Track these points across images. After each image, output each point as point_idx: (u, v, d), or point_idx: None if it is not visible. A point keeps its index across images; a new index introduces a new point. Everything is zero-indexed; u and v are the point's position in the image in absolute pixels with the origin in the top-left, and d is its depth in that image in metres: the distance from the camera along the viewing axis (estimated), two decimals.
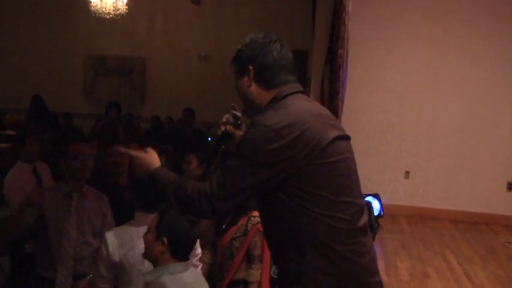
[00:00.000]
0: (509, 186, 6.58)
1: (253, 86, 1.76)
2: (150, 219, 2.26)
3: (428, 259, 5.13)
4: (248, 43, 1.79)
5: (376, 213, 5.93)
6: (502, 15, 6.43)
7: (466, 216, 6.58)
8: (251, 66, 1.75)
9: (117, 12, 8.91)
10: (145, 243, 2.19)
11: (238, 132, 1.93)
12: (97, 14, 8.91)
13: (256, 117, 1.64)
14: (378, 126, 6.72)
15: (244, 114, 1.89)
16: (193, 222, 2.20)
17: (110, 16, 8.91)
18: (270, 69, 1.74)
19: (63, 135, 4.22)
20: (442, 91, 6.61)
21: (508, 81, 6.49)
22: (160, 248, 2.12)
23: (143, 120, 9.63)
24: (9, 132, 7.92)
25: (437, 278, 4.65)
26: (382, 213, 6.09)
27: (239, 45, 1.81)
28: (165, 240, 2.11)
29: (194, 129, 7.17)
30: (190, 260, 2.28)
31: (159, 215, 2.19)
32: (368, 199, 5.89)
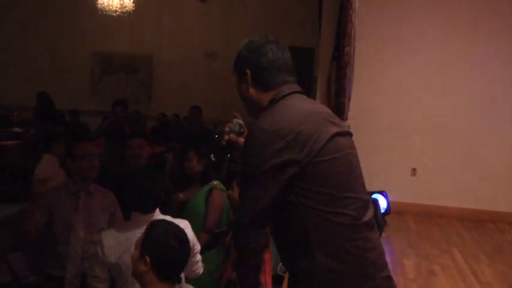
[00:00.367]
0: None
1: (251, 89, 1.76)
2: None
3: (435, 257, 5.12)
4: (245, 46, 1.79)
5: (382, 211, 5.92)
6: (510, 15, 6.41)
7: (473, 214, 6.57)
8: (248, 70, 1.75)
9: (124, 9, 8.94)
10: (131, 260, 2.03)
11: (241, 139, 1.94)
12: (104, 12, 8.94)
13: (254, 122, 1.65)
14: (384, 124, 6.71)
15: (248, 114, 1.88)
16: (183, 242, 2.02)
17: (117, 14, 8.94)
18: (267, 71, 1.74)
19: (70, 134, 4.25)
20: (449, 89, 6.59)
21: None
22: (143, 268, 1.94)
23: (150, 117, 9.64)
24: (17, 129, 7.97)
25: (444, 276, 4.64)
26: (388, 210, 6.08)
27: (239, 49, 1.81)
28: (147, 259, 1.93)
29: (201, 126, 7.18)
30: (181, 284, 2.11)
31: (147, 229, 2.03)
32: (375, 196, 5.89)
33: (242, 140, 1.92)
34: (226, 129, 1.97)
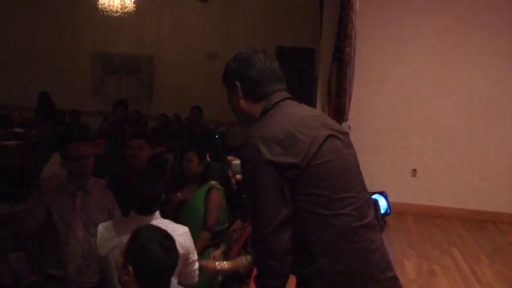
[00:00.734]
0: None
1: (242, 101, 1.76)
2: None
3: (435, 257, 5.12)
4: (233, 58, 1.80)
5: (383, 211, 5.92)
6: (510, 14, 6.41)
7: (473, 214, 6.56)
8: (237, 82, 1.75)
9: (125, 10, 8.93)
10: (116, 268, 1.94)
11: None
12: (104, 12, 8.94)
13: (248, 132, 1.64)
14: (385, 124, 6.71)
15: (240, 124, 1.86)
16: (169, 251, 1.90)
17: (118, 14, 8.94)
18: (256, 82, 1.74)
19: (67, 134, 4.26)
20: (449, 89, 6.59)
21: None
22: (126, 278, 1.85)
23: (151, 118, 9.66)
24: (17, 130, 7.98)
25: (444, 276, 4.64)
26: (389, 211, 6.08)
27: (228, 62, 1.82)
28: (130, 269, 1.83)
29: (202, 127, 7.20)
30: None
31: (130, 237, 1.92)
32: (375, 197, 5.89)
33: None
34: (230, 174, 1.99)
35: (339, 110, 5.21)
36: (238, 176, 1.97)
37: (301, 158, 1.56)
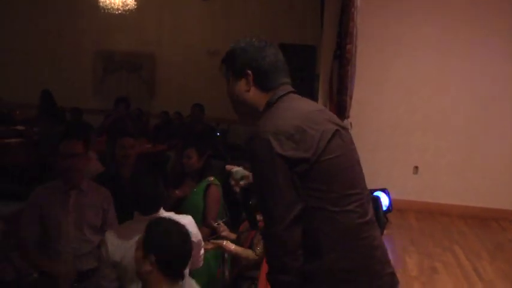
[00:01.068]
0: None
1: (252, 90, 1.76)
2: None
3: (437, 254, 5.13)
4: (243, 47, 1.78)
5: (384, 209, 5.93)
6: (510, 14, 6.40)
7: (475, 211, 6.57)
8: (249, 71, 1.74)
9: (126, 7, 8.93)
10: (135, 261, 2.02)
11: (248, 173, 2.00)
12: (106, 10, 8.93)
13: (257, 126, 1.64)
14: (386, 122, 6.72)
15: (236, 115, 1.85)
16: (185, 238, 2.02)
17: (119, 12, 8.94)
18: (268, 72, 1.75)
19: (66, 132, 4.24)
20: (450, 87, 6.60)
21: None
22: (148, 268, 1.93)
23: (152, 115, 9.66)
24: (19, 127, 7.97)
25: (446, 273, 4.65)
26: (390, 208, 6.09)
27: (231, 47, 1.81)
28: (153, 258, 1.92)
29: (204, 124, 7.20)
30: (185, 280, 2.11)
31: (146, 230, 2.02)
32: (377, 194, 5.89)
33: (249, 175, 1.96)
34: (232, 182, 2.00)
35: (340, 108, 5.21)
36: (242, 183, 1.97)
37: (311, 152, 1.56)
